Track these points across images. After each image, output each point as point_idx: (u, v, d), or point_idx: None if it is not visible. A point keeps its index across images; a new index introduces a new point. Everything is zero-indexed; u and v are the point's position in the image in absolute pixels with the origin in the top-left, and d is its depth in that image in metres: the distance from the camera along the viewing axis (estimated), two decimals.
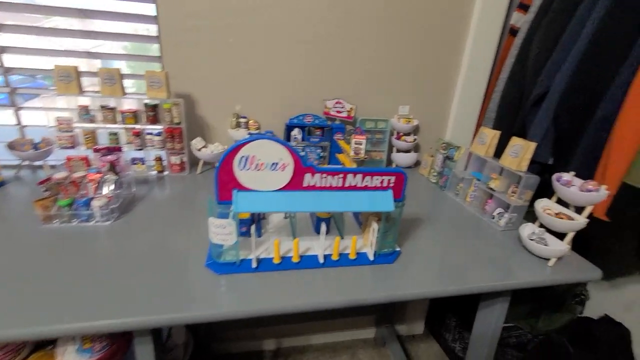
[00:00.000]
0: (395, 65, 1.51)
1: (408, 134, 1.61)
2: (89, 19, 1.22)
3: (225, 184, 0.73)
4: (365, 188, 0.80)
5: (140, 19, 1.30)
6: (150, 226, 0.98)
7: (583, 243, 1.59)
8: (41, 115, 1.27)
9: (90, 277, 0.75)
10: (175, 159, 1.29)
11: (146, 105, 1.21)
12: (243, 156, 0.71)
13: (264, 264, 0.83)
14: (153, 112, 1.22)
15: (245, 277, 0.80)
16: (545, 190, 1.12)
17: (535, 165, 1.36)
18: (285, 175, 0.75)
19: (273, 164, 0.73)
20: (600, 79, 1.14)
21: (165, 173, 1.33)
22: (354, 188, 0.79)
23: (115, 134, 1.23)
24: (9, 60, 1.27)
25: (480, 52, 1.53)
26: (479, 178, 1.22)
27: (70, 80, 1.11)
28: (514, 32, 1.52)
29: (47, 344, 0.87)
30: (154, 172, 1.31)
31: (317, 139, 1.44)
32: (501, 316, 1.08)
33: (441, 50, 1.52)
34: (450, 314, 1.94)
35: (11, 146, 1.14)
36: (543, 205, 0.99)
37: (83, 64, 1.20)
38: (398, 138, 1.57)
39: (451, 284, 0.84)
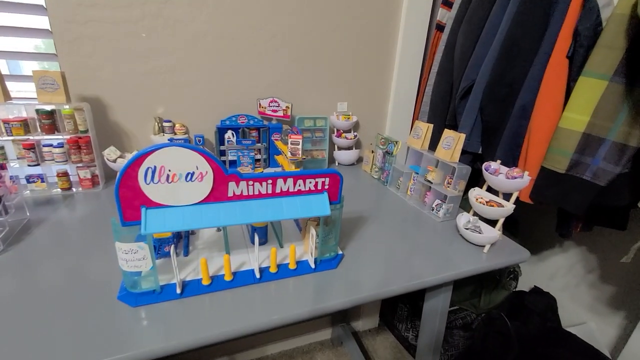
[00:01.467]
0: (330, 61, 1.48)
1: (348, 131, 1.59)
2: None
3: (130, 201, 0.62)
4: (299, 193, 0.74)
5: (27, 9, 1.09)
6: (49, 257, 0.81)
7: (511, 225, 1.73)
8: None
9: None
10: (84, 173, 1.11)
11: (39, 112, 1.01)
12: (149, 167, 0.60)
13: (191, 288, 0.73)
14: (49, 120, 1.02)
15: (168, 306, 0.70)
16: (479, 179, 1.17)
17: (467, 155, 1.43)
18: (205, 186, 0.65)
19: (188, 174, 0.63)
20: (517, 71, 1.22)
21: (74, 190, 1.13)
22: (286, 194, 0.73)
23: (2, 147, 1.01)
24: None
25: (411, 47, 1.56)
26: (417, 171, 1.24)
27: None
28: (440, 27, 1.57)
29: None
30: (59, 190, 1.11)
31: (249, 142, 1.34)
32: (446, 303, 1.11)
33: (375, 46, 1.52)
34: (402, 305, 1.99)
35: None
36: (476, 194, 1.02)
37: None
38: (338, 135, 1.55)
39: (396, 283, 0.82)
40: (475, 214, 1.04)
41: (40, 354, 0.57)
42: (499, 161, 1.03)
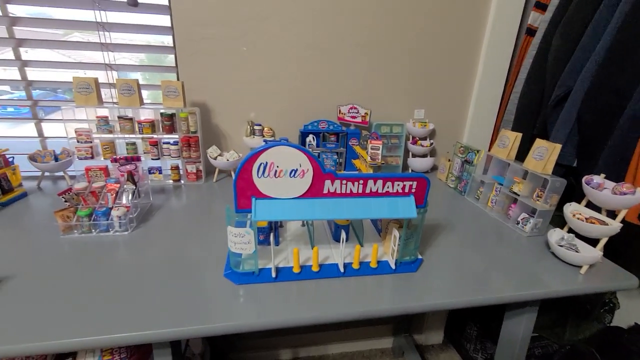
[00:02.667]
0: (409, 68, 1.49)
1: (424, 138, 1.58)
2: (107, 31, 1.24)
3: (244, 191, 0.72)
4: (386, 194, 0.78)
5: (156, 30, 1.32)
6: (167, 236, 0.97)
7: (611, 249, 1.53)
8: (62, 127, 1.30)
9: (110, 289, 0.74)
10: (191, 168, 1.30)
11: (162, 114, 1.22)
12: (262, 163, 0.70)
13: (284, 274, 0.81)
14: (169, 122, 1.22)
15: (264, 287, 0.78)
16: (568, 194, 1.07)
17: (558, 168, 1.32)
18: (305, 182, 0.73)
19: (292, 170, 0.71)
20: (627, 77, 1.10)
21: (182, 182, 1.33)
22: (374, 194, 0.77)
23: (133, 144, 1.24)
24: (31, 74, 1.30)
25: (497, 53, 1.49)
26: (501, 182, 1.18)
27: (89, 91, 1.13)
28: (531, 31, 1.48)
29: (66, 355, 0.86)
30: (171, 182, 1.31)
31: (332, 145, 1.42)
32: (529, 327, 1.03)
33: (456, 52, 1.50)
34: (471, 323, 1.88)
35: (32, 158, 1.17)
36: (572, 210, 0.94)
37: (101, 76, 1.23)
38: (414, 143, 1.55)
39: (478, 294, 0.80)
40: (570, 230, 0.96)
41: (159, 312, 0.69)
42: (602, 175, 0.94)
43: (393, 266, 0.85)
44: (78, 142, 1.17)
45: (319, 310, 0.73)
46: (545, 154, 1.03)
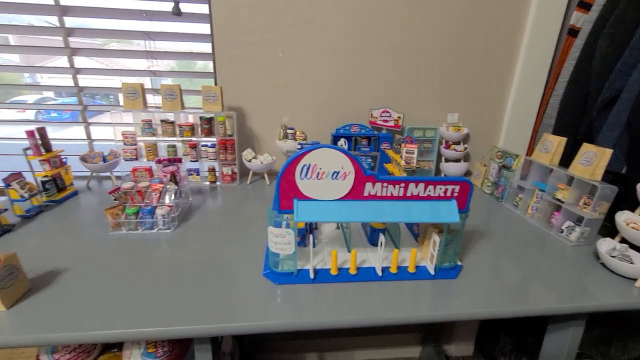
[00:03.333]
0: (443, 71, 1.47)
1: (457, 143, 1.54)
2: (151, 40, 1.31)
3: (286, 192, 0.73)
4: (427, 198, 0.77)
5: (196, 38, 1.38)
6: (206, 235, 1.00)
7: None
8: (106, 130, 1.38)
9: (154, 284, 0.78)
10: (227, 170, 1.34)
11: (201, 118, 1.26)
12: (305, 165, 0.71)
13: (321, 275, 0.81)
14: (208, 125, 1.27)
15: (302, 288, 0.79)
16: (616, 202, 1.01)
17: (605, 175, 1.25)
18: (346, 185, 0.73)
19: (334, 172, 0.72)
20: None
21: (218, 183, 1.37)
22: (415, 198, 0.76)
23: (173, 146, 1.30)
24: (82, 81, 1.40)
25: (537, 54, 1.44)
26: (543, 188, 1.13)
27: (136, 96, 1.19)
28: (573, 32, 1.42)
29: (113, 346, 0.91)
30: (207, 183, 1.36)
31: (366, 149, 1.42)
32: (574, 342, 0.97)
33: (493, 54, 1.46)
34: (504, 336, 1.80)
35: (83, 158, 1.25)
36: (626, 218, 0.89)
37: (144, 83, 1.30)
38: (447, 147, 1.52)
39: (521, 304, 0.77)
40: (623, 240, 0.90)
41: (200, 308, 0.71)
42: None
43: (432, 272, 0.83)
44: (124, 144, 1.24)
45: (357, 313, 0.73)
46: (593, 160, 0.98)
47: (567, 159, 1.12)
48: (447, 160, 1.55)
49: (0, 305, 0.67)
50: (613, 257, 0.87)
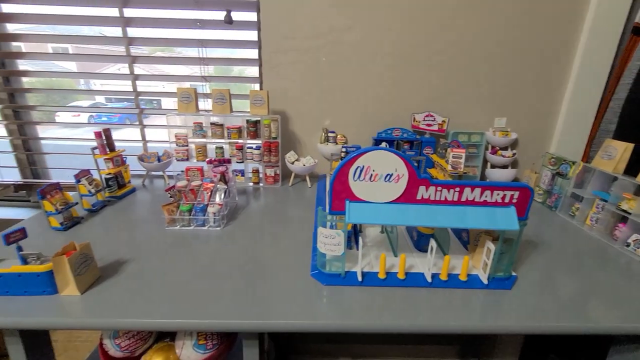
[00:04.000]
0: (491, 74, 1.42)
1: (505, 148, 1.48)
2: (203, 47, 1.39)
3: (339, 194, 0.74)
4: (484, 203, 0.74)
5: (244, 45, 1.44)
6: (252, 234, 1.03)
7: None
8: (155, 132, 1.47)
9: (206, 279, 0.81)
10: (270, 172, 1.37)
11: (248, 121, 1.31)
12: (359, 166, 0.71)
13: (369, 279, 0.81)
14: (254, 128, 1.32)
15: (350, 290, 0.79)
16: None
17: None
18: (399, 187, 0.73)
19: (387, 175, 0.72)
20: None
21: (261, 184, 1.41)
22: (470, 203, 0.74)
23: (221, 147, 1.36)
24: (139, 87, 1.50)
25: (596, 55, 1.35)
26: (605, 198, 1.06)
27: (189, 100, 1.26)
28: (639, 30, 1.32)
29: (166, 335, 0.96)
30: (251, 184, 1.40)
31: (411, 153, 1.40)
32: None
33: (546, 55, 1.39)
34: (552, 355, 1.68)
35: (140, 158, 1.34)
36: None
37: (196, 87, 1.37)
38: (493, 152, 1.46)
39: (583, 321, 0.72)
40: None
41: (249, 304, 0.73)
42: None
43: (485, 281, 0.80)
44: (177, 145, 1.31)
45: (406, 319, 0.71)
46: None
47: (631, 167, 1.04)
48: (493, 167, 1.49)
49: (75, 290, 0.73)
50: None
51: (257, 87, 1.47)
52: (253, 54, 1.44)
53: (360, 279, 0.80)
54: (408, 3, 1.32)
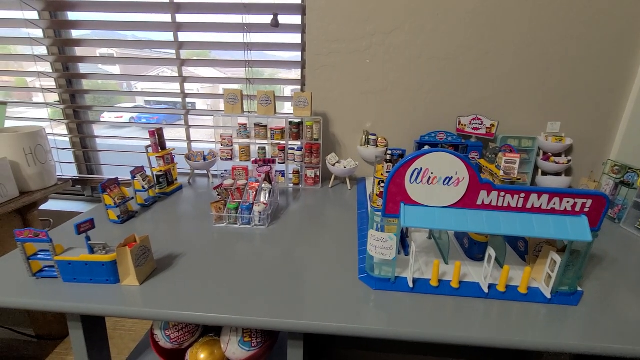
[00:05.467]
0: (544, 75, 1.34)
1: (558, 155, 1.39)
2: (249, 50, 1.42)
3: (394, 196, 0.72)
4: (551, 211, 0.69)
5: (288, 47, 1.46)
6: (296, 233, 1.03)
7: None
8: (198, 132, 1.52)
9: (252, 276, 0.82)
10: (310, 173, 1.37)
11: (291, 123, 1.32)
12: (416, 169, 0.69)
13: (420, 285, 0.78)
14: (297, 129, 1.33)
15: (400, 296, 0.77)
16: None
17: None
18: (459, 191, 0.70)
19: (447, 178, 0.69)
20: None
21: (301, 186, 1.42)
22: (536, 210, 0.70)
23: (263, 148, 1.38)
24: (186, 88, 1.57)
25: None
26: None
27: (236, 102, 1.30)
28: None
29: (212, 330, 0.98)
30: (291, 185, 1.41)
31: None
32: None
33: (606, 56, 1.29)
34: None
35: (187, 157, 1.39)
36: None
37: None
38: (546, 159, 1.37)
39: None
40: None
41: (295, 305, 0.72)
42: None
43: (548, 295, 0.75)
44: (222, 145, 1.35)
45: (458, 329, 0.68)
46: None
47: None
48: (544, 174, 1.40)
49: (135, 280, 0.76)
50: None
51: (299, 89, 1.48)
52: (296, 56, 1.46)
53: (411, 285, 0.78)
54: (455, 3, 1.28)
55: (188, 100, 1.58)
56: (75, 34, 1.58)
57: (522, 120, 1.40)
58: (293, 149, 1.37)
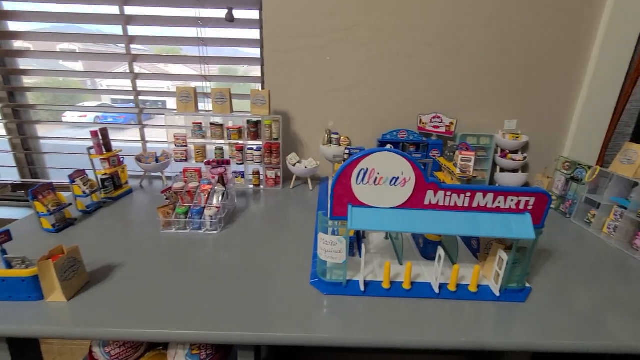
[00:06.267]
0: (501, 75, 1.37)
1: (515, 152, 1.42)
2: (205, 46, 1.35)
3: (341, 198, 0.69)
4: (497, 210, 0.69)
5: (245, 43, 1.40)
6: (250, 238, 0.99)
7: None
8: (157, 133, 1.44)
9: (201, 286, 0.77)
10: (271, 174, 1.33)
11: (249, 122, 1.27)
12: (362, 169, 0.66)
13: (372, 288, 0.76)
14: (255, 129, 1.28)
15: (352, 301, 0.74)
16: None
17: None
18: (405, 192, 0.68)
19: (393, 178, 0.67)
20: None
21: (261, 187, 1.37)
22: (482, 209, 0.69)
23: (221, 148, 1.32)
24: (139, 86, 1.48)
25: (612, 56, 1.29)
26: (625, 205, 1.00)
27: (189, 100, 1.23)
28: None
29: (159, 344, 0.91)
30: (251, 186, 1.36)
31: (418, 156, 1.35)
32: None
33: (559, 56, 1.33)
34: None
35: (138, 158, 1.30)
36: None
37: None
38: (503, 156, 1.40)
39: (601, 339, 0.66)
40: None
41: (245, 315, 0.68)
42: None
43: (497, 293, 0.75)
44: (175, 145, 1.28)
45: (412, 334, 0.66)
46: None
47: None
48: (502, 170, 1.43)
49: (61, 296, 0.69)
50: None
51: (259, 87, 1.43)
52: (256, 52, 1.41)
53: (362, 288, 0.75)
54: (415, 2, 1.27)
55: (158, 99, 1.49)
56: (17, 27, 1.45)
57: (481, 118, 1.42)
58: (252, 149, 1.32)
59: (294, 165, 1.34)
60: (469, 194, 0.68)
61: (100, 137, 1.13)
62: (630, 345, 0.66)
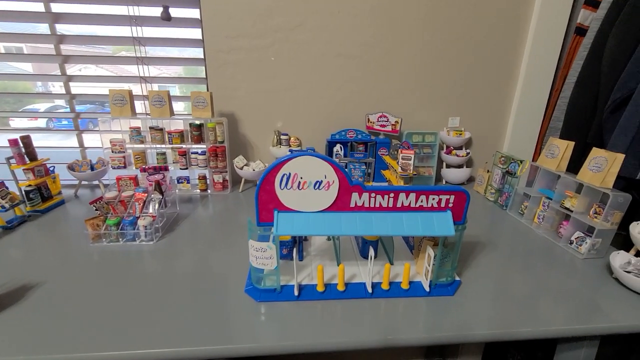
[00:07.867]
0: (443, 74, 1.41)
1: (459, 148, 1.48)
2: (142, 46, 1.29)
3: (266, 204, 0.68)
4: (420, 209, 0.71)
5: (187, 43, 1.35)
6: (192, 247, 0.96)
7: None
8: (99, 138, 1.35)
9: (133, 302, 0.73)
10: (218, 178, 1.29)
11: (191, 125, 1.23)
12: (285, 174, 0.66)
13: (307, 292, 0.76)
14: (198, 132, 1.23)
15: (286, 307, 0.74)
16: (630, 211, 0.93)
17: (617, 181, 1.16)
18: (330, 195, 0.68)
19: (317, 182, 0.67)
20: None
21: (209, 191, 1.33)
22: (406, 209, 0.71)
23: (163, 153, 1.26)
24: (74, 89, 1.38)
25: (542, 55, 1.38)
26: (550, 196, 1.06)
27: (124, 103, 1.16)
28: (581, 31, 1.35)
29: None
30: (198, 191, 1.32)
31: (360, 155, 1.37)
32: None
33: (495, 55, 1.40)
34: (513, 351, 1.70)
35: (70, 167, 1.22)
36: None
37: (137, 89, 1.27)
38: (448, 152, 1.45)
39: (525, 325, 0.70)
40: (638, 253, 0.83)
41: (181, 329, 0.66)
42: None
43: (427, 288, 0.77)
44: (112, 152, 1.21)
45: (346, 335, 0.67)
46: (604, 165, 0.91)
47: (576, 165, 1.05)
48: (448, 166, 1.48)
49: None
50: (628, 272, 0.79)
51: (204, 88, 1.38)
52: (199, 53, 1.36)
53: (296, 293, 0.75)
54: (354, 2, 1.28)
55: (104, 100, 1.39)
56: None
57: (426, 116, 1.46)
58: (196, 153, 1.27)
59: (241, 168, 1.31)
60: (392, 195, 0.69)
61: (22, 146, 1.05)
62: (553, 330, 0.70)
